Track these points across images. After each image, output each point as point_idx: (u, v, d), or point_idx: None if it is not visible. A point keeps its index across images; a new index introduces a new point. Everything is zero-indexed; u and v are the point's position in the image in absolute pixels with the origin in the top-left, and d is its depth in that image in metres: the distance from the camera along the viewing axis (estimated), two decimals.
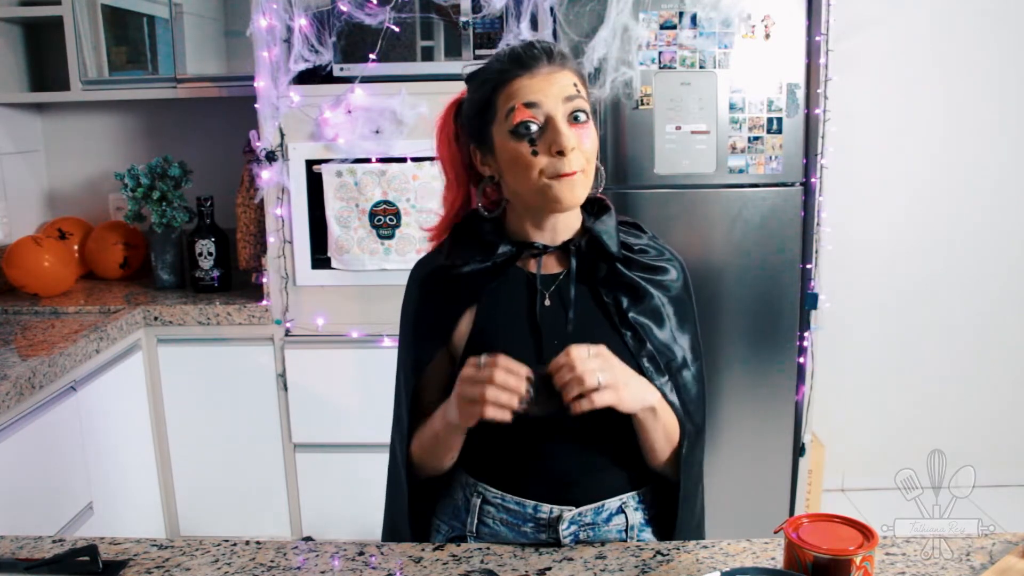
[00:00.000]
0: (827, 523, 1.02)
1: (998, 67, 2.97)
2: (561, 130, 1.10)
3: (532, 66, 1.12)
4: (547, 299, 1.21)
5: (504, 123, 1.13)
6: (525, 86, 1.11)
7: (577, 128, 1.12)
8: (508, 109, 1.12)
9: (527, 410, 1.05)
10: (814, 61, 2.37)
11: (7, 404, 1.79)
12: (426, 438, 1.22)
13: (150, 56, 2.79)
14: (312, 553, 1.17)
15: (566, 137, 1.09)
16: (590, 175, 1.15)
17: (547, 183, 1.11)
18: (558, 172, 1.10)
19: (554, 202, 1.13)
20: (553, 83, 1.12)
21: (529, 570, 1.11)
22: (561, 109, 1.11)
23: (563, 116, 1.11)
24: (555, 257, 1.23)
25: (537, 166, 1.11)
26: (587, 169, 1.13)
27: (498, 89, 1.14)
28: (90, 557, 1.12)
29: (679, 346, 1.23)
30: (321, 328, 2.47)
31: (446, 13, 2.31)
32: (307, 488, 2.55)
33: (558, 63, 1.13)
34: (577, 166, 1.11)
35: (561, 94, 1.11)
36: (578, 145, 1.11)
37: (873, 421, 3.18)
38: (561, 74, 1.13)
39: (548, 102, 1.11)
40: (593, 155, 1.14)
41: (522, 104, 1.11)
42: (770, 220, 2.42)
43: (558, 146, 1.09)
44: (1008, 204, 3.06)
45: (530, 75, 1.12)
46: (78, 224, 2.85)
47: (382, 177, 2.37)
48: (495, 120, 1.14)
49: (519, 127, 1.11)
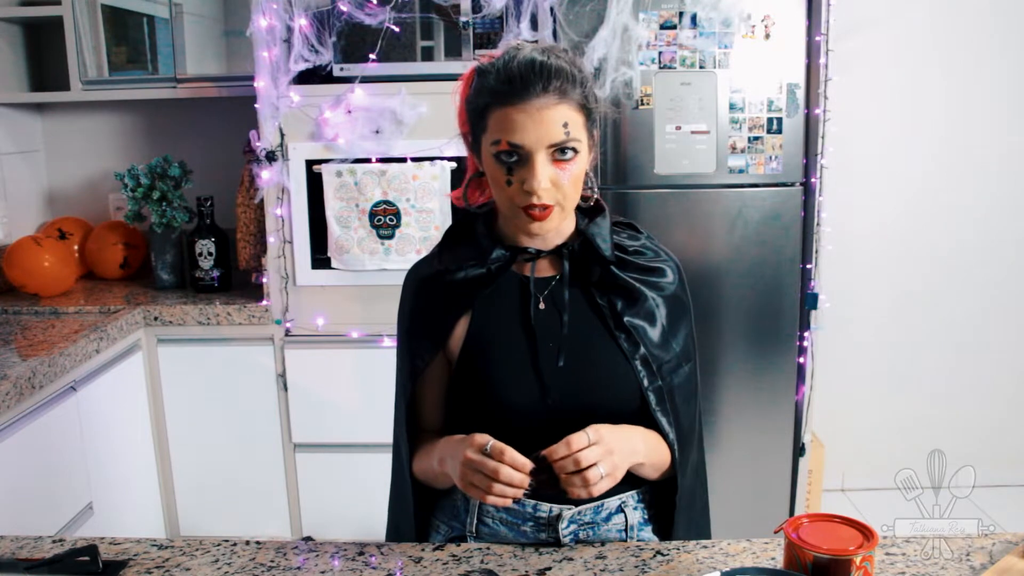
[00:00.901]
0: (827, 523, 1.02)
1: (998, 67, 2.97)
2: (536, 172, 1.09)
3: (525, 96, 1.09)
4: (541, 303, 1.21)
5: (490, 144, 1.13)
6: (513, 121, 1.09)
7: (559, 165, 1.11)
8: (495, 138, 1.11)
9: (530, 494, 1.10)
10: (814, 61, 2.37)
11: (7, 404, 1.79)
12: (426, 469, 1.23)
13: (150, 56, 2.79)
14: (312, 553, 1.17)
15: (538, 181, 1.09)
16: (567, 206, 1.15)
17: (517, 213, 1.13)
18: (527, 204, 1.11)
19: (523, 230, 1.15)
20: (542, 123, 1.09)
21: (529, 570, 1.11)
22: (543, 152, 1.10)
23: (546, 157, 1.10)
24: (549, 260, 1.23)
25: (508, 194, 1.12)
26: (564, 202, 1.13)
27: (490, 108, 1.12)
28: (90, 557, 1.12)
29: (673, 348, 1.23)
30: (321, 328, 2.47)
31: (446, 13, 2.31)
32: (307, 488, 2.55)
33: (554, 94, 1.09)
34: (549, 200, 1.11)
35: (547, 139, 1.09)
36: (554, 183, 1.11)
37: (873, 421, 3.18)
38: (554, 112, 1.09)
39: (531, 143, 1.09)
40: (573, 189, 1.13)
41: (507, 142, 1.10)
42: (770, 220, 2.42)
43: (528, 186, 1.10)
44: (1008, 204, 3.06)
45: (521, 107, 1.09)
46: (78, 224, 2.85)
47: (382, 177, 2.37)
48: (485, 134, 1.14)
49: (501, 154, 1.11)
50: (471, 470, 1.08)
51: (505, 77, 1.10)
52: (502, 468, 1.05)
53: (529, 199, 1.11)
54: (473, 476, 1.07)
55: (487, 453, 1.07)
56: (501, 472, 1.05)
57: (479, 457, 1.07)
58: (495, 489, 1.06)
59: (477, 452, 1.07)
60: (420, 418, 1.29)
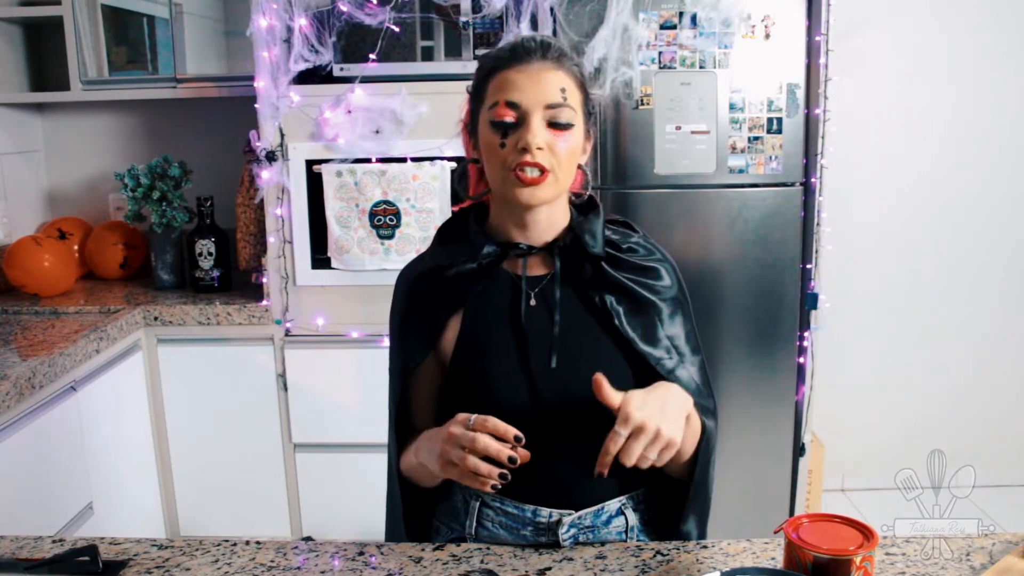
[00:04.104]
0: (827, 523, 1.02)
1: (998, 67, 2.97)
2: (532, 128, 1.11)
3: (524, 59, 1.13)
4: (532, 300, 1.20)
5: (487, 111, 1.14)
6: (512, 80, 1.12)
7: (555, 132, 1.12)
8: (492, 102, 1.13)
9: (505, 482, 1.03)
10: (814, 61, 2.37)
11: (7, 404, 1.79)
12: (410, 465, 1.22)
13: (150, 56, 2.79)
14: (312, 553, 1.17)
15: (533, 135, 1.10)
16: (561, 179, 1.15)
17: (508, 176, 1.13)
18: (520, 163, 1.11)
19: (514, 198, 1.14)
20: (540, 83, 1.12)
21: (529, 570, 1.11)
22: (540, 112, 1.12)
23: (541, 118, 1.12)
24: (541, 258, 1.22)
25: (502, 156, 1.12)
26: (557, 172, 1.13)
27: (490, 76, 1.15)
28: (90, 557, 1.12)
29: (671, 346, 1.21)
30: (321, 328, 2.47)
31: (446, 13, 2.31)
32: (307, 488, 2.55)
33: (552, 60, 1.13)
34: (543, 161, 1.11)
35: (544, 99, 1.12)
36: (548, 146, 1.11)
37: (873, 421, 3.18)
38: (552, 74, 1.13)
39: (528, 103, 1.11)
40: (568, 160, 1.14)
41: (504, 101, 1.12)
42: (770, 220, 2.42)
43: (523, 142, 1.10)
44: (1008, 204, 3.06)
45: (519, 69, 1.12)
46: (78, 224, 2.85)
47: (382, 177, 2.37)
48: (481, 106, 1.16)
49: (496, 122, 1.13)
50: (451, 446, 1.05)
51: (508, 47, 1.16)
52: (479, 437, 1.02)
53: (523, 156, 1.11)
54: (452, 451, 1.04)
55: (470, 427, 1.04)
56: (478, 441, 1.02)
57: (460, 430, 1.05)
58: (469, 462, 1.02)
59: (460, 426, 1.05)
60: (412, 418, 1.28)
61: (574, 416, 1.12)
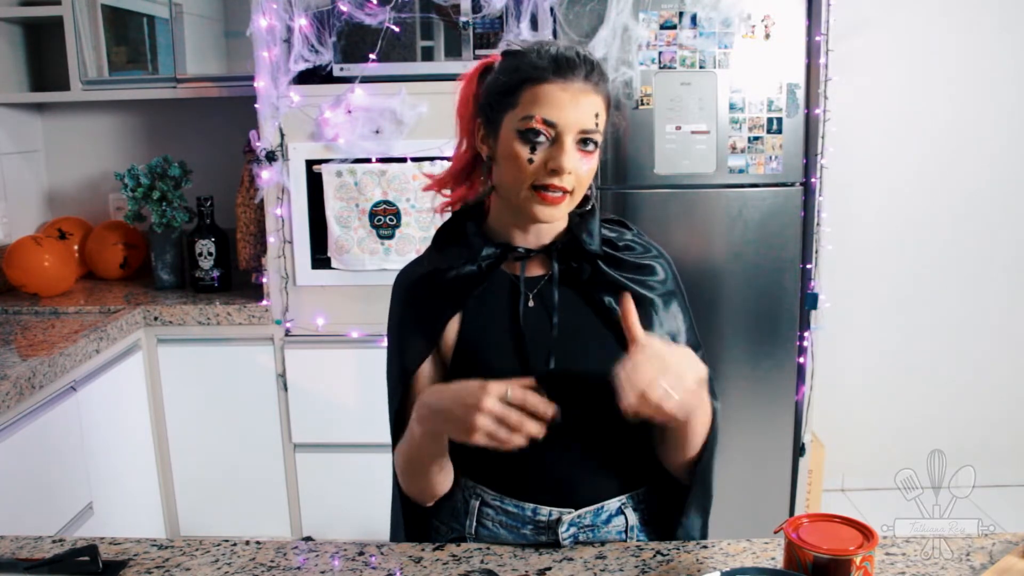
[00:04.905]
0: (827, 523, 1.02)
1: (998, 67, 2.97)
2: (565, 150, 1.10)
3: (567, 76, 1.10)
4: (531, 301, 1.20)
5: (517, 120, 1.12)
6: (551, 97, 1.10)
7: (582, 154, 1.12)
8: (527, 114, 1.11)
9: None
10: (814, 61, 2.37)
11: (7, 404, 1.79)
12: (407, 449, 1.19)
13: (150, 56, 2.79)
14: (312, 553, 1.17)
15: (567, 158, 1.10)
16: (577, 198, 1.15)
17: (530, 194, 1.12)
18: (545, 184, 1.11)
19: (531, 214, 1.14)
20: (579, 106, 1.10)
21: (529, 570, 1.11)
22: (574, 135, 1.11)
23: (573, 140, 1.11)
24: (539, 260, 1.22)
25: (529, 172, 1.11)
26: (576, 192, 1.14)
27: (526, 84, 1.12)
28: (90, 557, 1.12)
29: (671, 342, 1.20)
30: (321, 328, 2.47)
31: (446, 13, 2.31)
32: (307, 488, 2.55)
33: (593, 84, 1.12)
34: (567, 185, 1.11)
35: (580, 124, 1.10)
36: (575, 169, 1.11)
37: (873, 421, 3.18)
38: (591, 99, 1.11)
39: (565, 124, 1.10)
40: (587, 181, 1.15)
41: (542, 119, 1.10)
42: (770, 220, 2.42)
43: (556, 164, 1.10)
44: (1008, 204, 3.06)
45: (563, 86, 1.10)
46: (78, 224, 2.85)
47: (382, 177, 2.37)
48: (511, 111, 1.13)
49: (528, 133, 1.11)
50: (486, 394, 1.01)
51: (549, 56, 1.12)
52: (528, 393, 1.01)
53: (552, 179, 1.10)
54: (487, 400, 1.01)
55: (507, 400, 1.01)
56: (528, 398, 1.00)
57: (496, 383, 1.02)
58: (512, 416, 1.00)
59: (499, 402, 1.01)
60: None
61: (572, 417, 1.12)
